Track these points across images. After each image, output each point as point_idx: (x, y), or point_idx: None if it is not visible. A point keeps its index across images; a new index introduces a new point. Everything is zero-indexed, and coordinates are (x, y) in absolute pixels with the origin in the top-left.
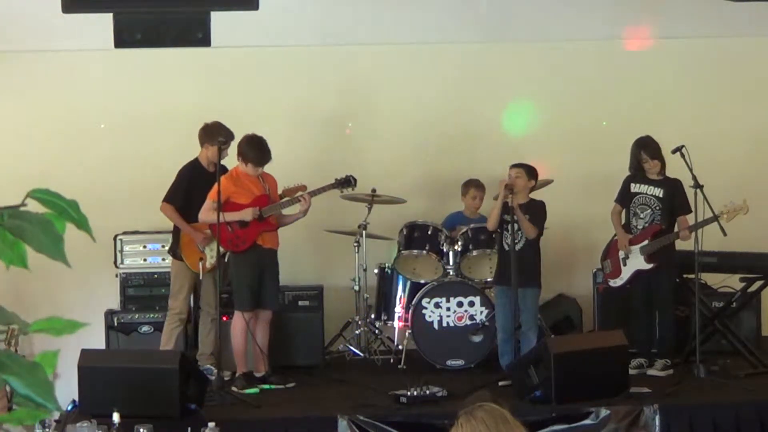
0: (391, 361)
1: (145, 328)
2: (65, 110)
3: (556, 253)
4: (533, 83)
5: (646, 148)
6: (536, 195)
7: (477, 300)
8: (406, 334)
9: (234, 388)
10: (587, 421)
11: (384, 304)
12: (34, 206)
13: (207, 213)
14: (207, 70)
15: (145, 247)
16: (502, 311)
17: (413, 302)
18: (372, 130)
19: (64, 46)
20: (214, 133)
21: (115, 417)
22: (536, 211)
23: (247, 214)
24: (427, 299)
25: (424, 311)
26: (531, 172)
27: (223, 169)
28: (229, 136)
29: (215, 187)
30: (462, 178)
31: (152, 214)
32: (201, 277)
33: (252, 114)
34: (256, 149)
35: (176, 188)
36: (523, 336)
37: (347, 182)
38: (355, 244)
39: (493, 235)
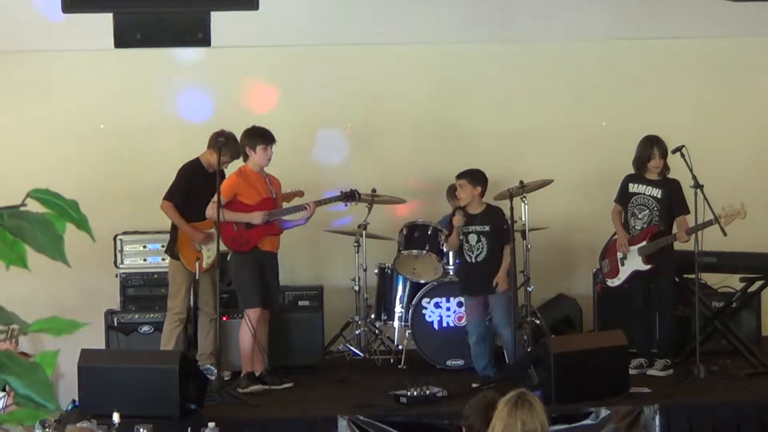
0: (391, 361)
1: (145, 328)
2: (65, 110)
3: (556, 253)
4: (533, 83)
5: (658, 144)
6: (536, 195)
7: None
8: (406, 334)
9: (239, 389)
10: (587, 421)
11: (384, 304)
12: (34, 206)
13: (216, 210)
14: (207, 70)
15: (145, 247)
16: (472, 313)
17: (413, 302)
18: (372, 129)
19: (64, 46)
20: (224, 146)
21: (115, 417)
22: (496, 220)
23: (256, 218)
24: (427, 299)
25: (424, 311)
26: (476, 177)
27: (222, 174)
28: (234, 153)
29: (225, 183)
30: None
31: (152, 214)
32: (197, 277)
33: (252, 114)
34: (260, 132)
35: (177, 186)
36: (498, 331)
37: (352, 196)
38: (355, 244)
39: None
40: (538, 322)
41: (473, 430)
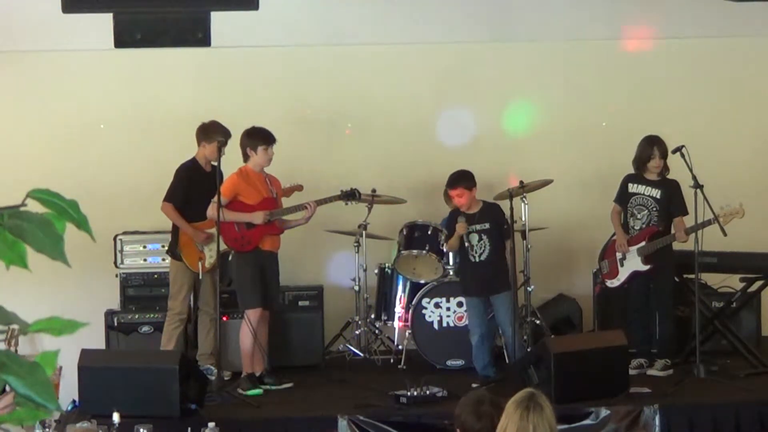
0: (391, 361)
1: (145, 328)
2: (65, 110)
3: (556, 253)
4: (533, 83)
5: (659, 144)
6: (536, 195)
7: None
8: (406, 334)
9: (240, 390)
10: (587, 421)
11: (384, 304)
12: (34, 206)
13: (217, 210)
14: (207, 70)
15: (145, 247)
16: (474, 313)
17: (413, 302)
18: (372, 130)
19: (64, 46)
20: (211, 132)
21: (115, 417)
22: (495, 217)
23: (257, 218)
24: (427, 299)
25: (424, 311)
26: (469, 180)
27: (221, 174)
28: (226, 134)
29: (226, 183)
30: None
31: (152, 214)
32: (201, 277)
33: (251, 114)
34: (259, 132)
35: (176, 187)
36: (501, 330)
37: (352, 195)
38: (355, 244)
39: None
40: (538, 322)
41: (466, 426)
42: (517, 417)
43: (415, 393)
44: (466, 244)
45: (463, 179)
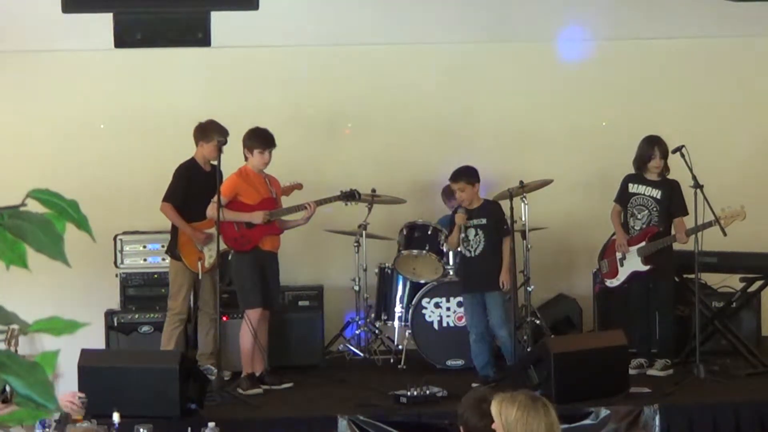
0: (391, 361)
1: (145, 328)
2: (65, 110)
3: (556, 253)
4: (533, 83)
5: (659, 144)
6: (536, 195)
7: None
8: (406, 334)
9: (239, 390)
10: (587, 421)
11: (384, 304)
12: (34, 206)
13: (216, 210)
14: (207, 70)
15: (145, 247)
16: (471, 312)
17: (413, 302)
18: (372, 130)
19: (64, 46)
20: (209, 131)
21: (115, 417)
22: (494, 213)
23: (257, 217)
24: (427, 299)
25: (424, 311)
26: (472, 176)
27: (221, 174)
28: (224, 133)
29: (226, 183)
30: None
31: (152, 214)
32: (200, 277)
33: (251, 114)
34: (258, 135)
35: (175, 187)
36: (494, 331)
37: (351, 195)
38: (355, 244)
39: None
40: (538, 322)
41: (469, 425)
42: (541, 414)
43: (415, 393)
44: (462, 235)
45: (466, 174)
